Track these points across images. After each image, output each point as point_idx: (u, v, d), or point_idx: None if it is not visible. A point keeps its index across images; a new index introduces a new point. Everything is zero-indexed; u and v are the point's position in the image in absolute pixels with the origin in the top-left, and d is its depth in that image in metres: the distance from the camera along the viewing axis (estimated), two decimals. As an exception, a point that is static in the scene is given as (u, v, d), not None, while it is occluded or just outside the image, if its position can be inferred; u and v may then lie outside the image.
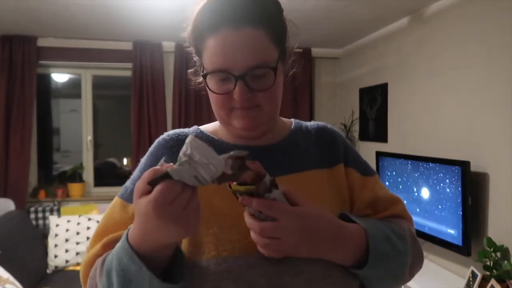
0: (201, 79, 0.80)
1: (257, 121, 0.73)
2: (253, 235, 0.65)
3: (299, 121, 0.89)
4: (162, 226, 0.55)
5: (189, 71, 0.84)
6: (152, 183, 0.55)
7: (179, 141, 0.79)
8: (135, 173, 0.80)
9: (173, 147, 0.78)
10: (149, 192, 0.55)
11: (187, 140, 0.55)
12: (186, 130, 0.83)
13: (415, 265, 0.81)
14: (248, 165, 0.59)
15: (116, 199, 0.79)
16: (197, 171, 0.55)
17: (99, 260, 0.69)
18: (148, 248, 0.60)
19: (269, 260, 0.68)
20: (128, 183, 0.80)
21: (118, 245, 0.64)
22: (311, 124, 0.89)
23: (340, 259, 0.70)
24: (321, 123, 0.89)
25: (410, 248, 0.78)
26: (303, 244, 0.65)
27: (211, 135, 0.82)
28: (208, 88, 0.71)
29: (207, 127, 0.86)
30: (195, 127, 0.86)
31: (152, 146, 0.81)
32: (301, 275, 0.68)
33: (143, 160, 0.81)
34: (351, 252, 0.70)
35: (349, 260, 0.71)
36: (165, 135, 0.82)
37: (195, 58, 0.79)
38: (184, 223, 0.56)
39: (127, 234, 0.63)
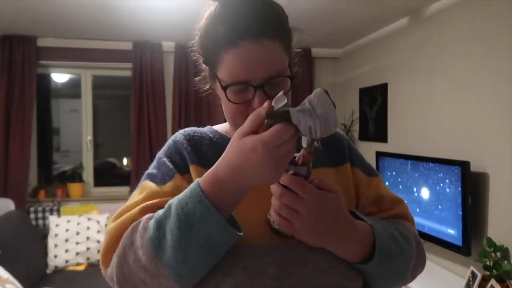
0: (208, 86, 0.82)
1: None
2: (273, 200, 0.66)
3: None
4: (261, 166, 0.58)
5: (196, 78, 0.85)
6: (270, 116, 0.57)
7: (195, 136, 0.83)
8: (155, 161, 0.82)
9: (190, 139, 0.82)
10: (256, 131, 0.58)
11: (316, 91, 0.57)
12: (199, 128, 0.86)
13: (418, 267, 0.83)
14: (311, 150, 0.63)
15: (145, 182, 0.79)
16: (314, 123, 0.57)
17: (142, 219, 0.67)
18: (226, 192, 0.62)
19: (278, 250, 0.71)
20: (151, 170, 0.81)
21: (182, 194, 0.64)
22: None
23: (346, 253, 0.71)
24: None
25: (414, 249, 0.80)
26: (316, 229, 0.65)
27: (224, 134, 0.85)
28: (227, 98, 0.71)
29: (220, 127, 0.88)
30: (208, 126, 0.88)
31: (170, 140, 0.84)
32: (307, 265, 0.71)
33: (161, 151, 0.84)
34: (358, 248, 0.71)
35: (355, 256, 0.72)
36: (181, 131, 0.85)
37: (203, 66, 0.80)
38: (279, 169, 0.59)
39: (198, 181, 0.64)
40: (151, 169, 0.82)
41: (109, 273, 0.71)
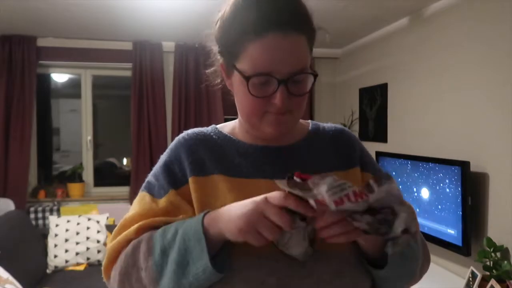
0: (219, 79, 0.81)
1: (287, 127, 0.75)
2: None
3: (316, 122, 0.90)
4: (238, 212, 0.62)
5: (208, 71, 0.84)
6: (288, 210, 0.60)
7: (198, 139, 0.81)
8: (156, 168, 0.82)
9: (192, 145, 0.80)
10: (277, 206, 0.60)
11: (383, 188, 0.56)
12: (203, 129, 0.85)
13: (424, 266, 0.83)
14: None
15: (143, 193, 0.80)
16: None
17: (138, 240, 0.71)
18: (222, 236, 0.65)
19: (279, 261, 0.69)
20: (150, 178, 0.81)
21: (188, 224, 0.67)
22: (328, 126, 0.90)
23: (372, 247, 0.71)
24: (338, 126, 0.90)
25: (421, 249, 0.80)
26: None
27: (228, 135, 0.83)
28: (249, 90, 0.69)
29: (224, 126, 0.86)
30: (212, 126, 0.86)
31: (172, 143, 0.83)
32: (311, 276, 0.69)
33: (162, 156, 0.83)
34: (377, 245, 0.71)
35: (375, 251, 0.71)
36: (184, 133, 0.83)
37: (218, 57, 0.79)
38: (248, 223, 0.61)
39: (203, 216, 0.66)
40: (152, 176, 0.82)
41: (111, 286, 0.75)
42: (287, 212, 0.60)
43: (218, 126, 0.86)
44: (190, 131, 0.84)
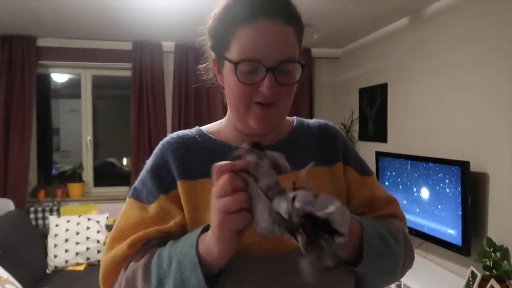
0: (212, 75, 0.82)
1: (272, 122, 0.75)
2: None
3: (301, 118, 0.91)
4: (213, 216, 0.61)
5: (200, 66, 0.84)
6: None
7: (183, 143, 0.80)
8: (142, 174, 0.81)
9: (178, 149, 0.79)
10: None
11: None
12: (188, 131, 0.84)
13: (407, 264, 0.83)
14: None
15: (131, 200, 0.79)
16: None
17: (136, 265, 0.71)
18: (213, 256, 0.64)
19: (269, 260, 0.70)
20: (138, 184, 0.80)
21: (181, 251, 0.67)
22: (312, 121, 0.90)
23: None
24: (322, 121, 0.91)
25: (402, 247, 0.80)
26: None
27: (213, 137, 0.82)
28: (237, 76, 0.70)
29: (208, 128, 0.86)
30: (196, 127, 0.86)
31: (157, 147, 0.83)
32: (299, 274, 0.69)
33: (148, 161, 0.82)
34: (351, 244, 0.71)
35: (348, 252, 0.71)
36: (169, 137, 0.83)
37: (212, 52, 0.79)
38: (224, 222, 0.60)
39: (197, 245, 0.65)
40: (138, 182, 0.81)
41: None
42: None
43: (202, 128, 0.86)
44: (174, 134, 0.83)
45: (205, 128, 0.86)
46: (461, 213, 2.26)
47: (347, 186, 0.84)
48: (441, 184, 2.43)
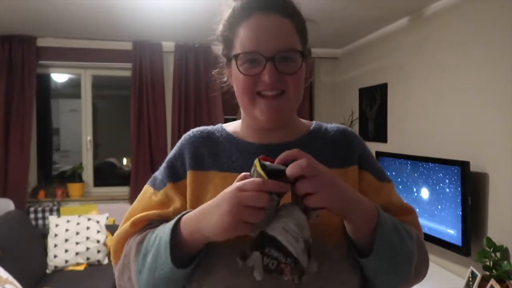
0: (225, 78, 0.86)
1: (280, 113, 0.77)
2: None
3: (320, 122, 0.92)
4: (220, 203, 0.65)
5: (214, 71, 0.90)
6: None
7: (201, 137, 0.86)
8: (162, 164, 0.87)
9: (195, 142, 0.85)
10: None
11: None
12: (209, 127, 0.89)
13: (421, 267, 0.81)
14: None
15: (147, 186, 0.86)
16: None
17: (134, 240, 0.78)
18: (194, 237, 0.70)
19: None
20: (157, 172, 0.87)
21: (164, 231, 0.72)
22: (331, 126, 0.90)
23: (361, 219, 0.70)
24: (341, 126, 0.90)
25: (416, 247, 0.78)
26: (337, 196, 0.66)
27: (230, 133, 0.87)
28: (238, 68, 0.75)
29: (228, 125, 0.91)
30: (219, 124, 0.91)
31: (179, 141, 0.89)
32: None
33: (170, 153, 0.89)
34: (366, 218, 0.71)
35: (364, 228, 0.71)
36: (190, 131, 0.89)
37: (222, 53, 0.84)
38: (235, 213, 0.63)
39: (175, 223, 0.71)
40: (158, 171, 0.88)
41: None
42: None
43: (224, 125, 0.91)
44: (195, 129, 0.89)
45: (226, 125, 0.91)
46: (461, 213, 2.26)
47: (362, 191, 0.81)
48: (441, 184, 2.43)
